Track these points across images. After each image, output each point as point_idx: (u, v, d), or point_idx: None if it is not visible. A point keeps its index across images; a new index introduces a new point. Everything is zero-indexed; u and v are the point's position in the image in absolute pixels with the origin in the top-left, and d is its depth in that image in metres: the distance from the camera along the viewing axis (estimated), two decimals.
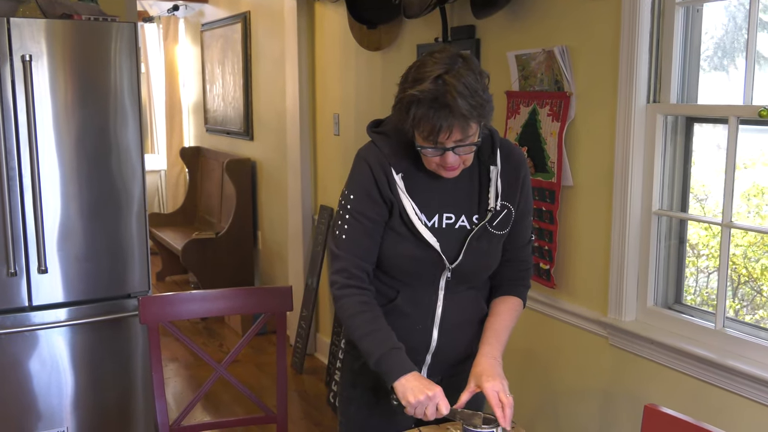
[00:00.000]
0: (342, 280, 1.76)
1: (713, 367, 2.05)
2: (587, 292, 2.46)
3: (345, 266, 1.75)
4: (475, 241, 1.76)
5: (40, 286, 2.93)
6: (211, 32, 5.83)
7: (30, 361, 2.96)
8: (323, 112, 4.23)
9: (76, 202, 2.96)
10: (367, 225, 1.75)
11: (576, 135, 2.44)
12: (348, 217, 1.76)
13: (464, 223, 1.77)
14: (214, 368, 2.36)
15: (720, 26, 2.23)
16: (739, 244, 2.45)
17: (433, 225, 1.76)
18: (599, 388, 2.46)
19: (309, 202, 4.39)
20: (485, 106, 1.61)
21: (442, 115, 1.56)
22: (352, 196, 1.77)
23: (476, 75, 1.60)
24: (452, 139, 1.61)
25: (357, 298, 1.75)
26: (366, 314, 1.74)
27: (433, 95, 1.56)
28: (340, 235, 1.77)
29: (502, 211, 1.78)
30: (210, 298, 2.34)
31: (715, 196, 2.38)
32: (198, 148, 6.27)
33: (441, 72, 1.57)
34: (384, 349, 1.69)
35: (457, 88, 1.56)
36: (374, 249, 1.77)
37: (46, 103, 2.84)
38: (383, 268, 1.81)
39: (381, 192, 1.74)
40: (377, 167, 1.74)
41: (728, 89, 2.25)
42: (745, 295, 2.39)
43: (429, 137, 1.61)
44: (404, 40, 3.35)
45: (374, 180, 1.74)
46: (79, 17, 2.99)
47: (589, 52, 2.37)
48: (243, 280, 5.34)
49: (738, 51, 2.26)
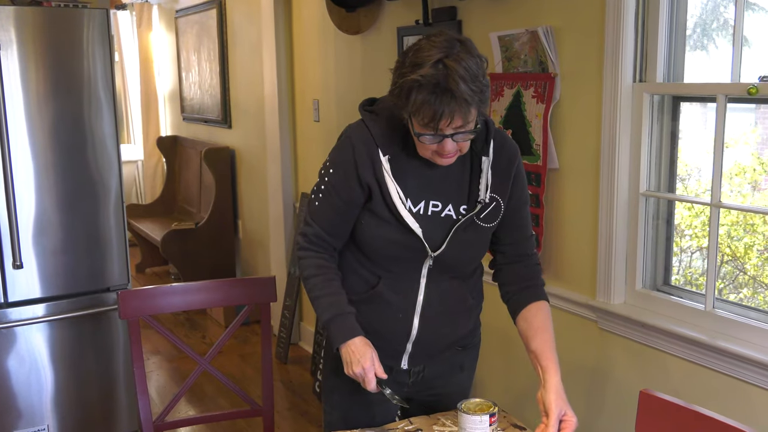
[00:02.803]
0: (303, 243, 1.80)
1: (704, 349, 2.04)
2: (575, 275, 2.44)
3: (309, 232, 1.78)
4: (461, 232, 1.73)
5: (16, 281, 2.86)
6: (185, 18, 5.73)
7: (8, 359, 2.89)
8: (302, 98, 4.16)
9: (51, 194, 2.89)
10: (338, 203, 1.74)
11: (561, 117, 2.41)
12: (324, 188, 1.76)
13: (450, 212, 1.73)
14: (198, 362, 2.31)
15: (699, 4, 2.20)
16: (722, 224, 2.44)
17: (418, 211, 1.72)
18: (589, 372, 2.44)
19: (290, 189, 4.34)
20: (485, 92, 1.57)
21: (444, 101, 1.51)
22: (331, 170, 1.75)
23: (476, 59, 1.55)
24: (452, 126, 1.56)
25: (313, 260, 1.78)
26: (319, 277, 1.76)
27: (435, 80, 1.51)
28: (314, 201, 1.79)
29: (491, 203, 1.74)
30: (192, 291, 2.28)
31: (699, 175, 2.37)
32: (175, 137, 6.17)
33: (441, 56, 1.52)
34: (331, 314, 1.72)
35: (458, 72, 1.51)
36: (342, 226, 1.77)
37: (17, 94, 2.76)
38: (365, 252, 1.78)
39: (359, 176, 1.70)
40: (361, 149, 1.70)
41: (710, 67, 2.23)
42: (727, 274, 2.38)
43: (429, 123, 1.55)
44: (384, 24, 3.29)
45: (354, 162, 1.71)
46: (49, 4, 2.91)
47: (574, 32, 2.33)
48: (224, 270, 5.27)
49: (718, 29, 2.23)
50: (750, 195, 2.32)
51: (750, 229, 2.39)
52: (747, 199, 2.30)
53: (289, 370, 4.17)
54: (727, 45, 2.19)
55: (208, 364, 2.31)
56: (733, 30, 1.98)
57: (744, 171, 2.38)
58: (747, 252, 2.39)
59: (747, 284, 2.37)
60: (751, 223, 2.36)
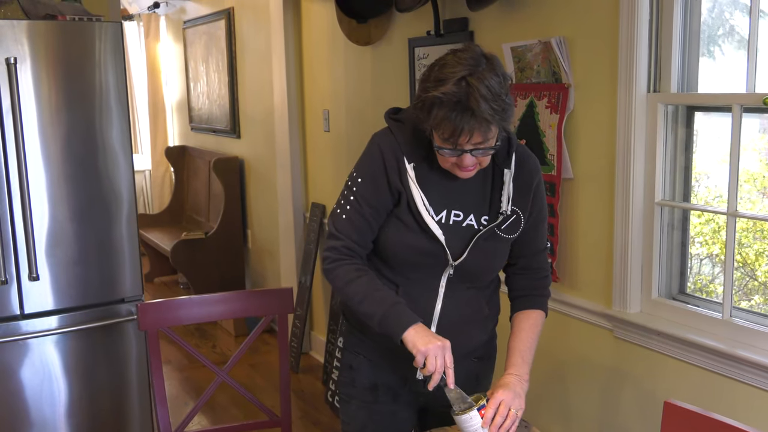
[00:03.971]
0: (333, 256, 1.76)
1: (721, 357, 2.04)
2: (590, 284, 2.44)
3: (338, 245, 1.76)
4: (482, 242, 1.75)
5: (32, 293, 2.87)
6: (193, 29, 5.76)
7: (22, 370, 2.90)
8: (312, 108, 4.18)
9: (65, 206, 2.90)
10: (368, 212, 1.74)
11: (575, 127, 2.42)
12: (352, 199, 1.75)
13: (472, 222, 1.76)
14: (216, 373, 2.32)
15: (704, 11, 2.22)
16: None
17: (440, 220, 1.74)
18: (605, 381, 2.44)
19: (300, 199, 4.35)
20: (507, 111, 1.59)
21: (464, 119, 1.54)
22: (359, 180, 1.76)
23: (500, 78, 1.57)
24: (472, 142, 1.59)
25: (349, 266, 1.74)
26: (362, 278, 1.73)
27: (457, 98, 1.54)
28: (340, 214, 1.77)
29: (512, 215, 1.77)
30: (210, 302, 2.30)
31: (708, 182, 2.37)
32: (183, 147, 6.19)
33: (465, 74, 1.55)
34: (385, 307, 1.67)
35: (480, 92, 1.53)
36: (370, 236, 1.77)
37: (32, 107, 2.77)
38: (384, 258, 1.79)
39: (389, 180, 1.73)
40: (389, 154, 1.73)
41: (717, 74, 2.24)
42: (736, 280, 2.39)
43: (449, 139, 1.59)
44: (395, 34, 3.30)
45: (384, 167, 1.73)
46: (64, 18, 2.93)
47: (587, 42, 2.34)
48: (234, 279, 5.29)
49: (724, 36, 2.24)
50: (759, 201, 2.33)
51: (760, 235, 2.39)
52: (756, 205, 2.31)
53: (301, 380, 4.17)
54: (732, 52, 2.20)
55: (226, 375, 2.32)
56: (747, 40, 1.99)
57: (754, 178, 2.39)
58: (758, 258, 2.40)
59: (758, 291, 2.37)
60: (760, 229, 2.37)
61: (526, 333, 1.82)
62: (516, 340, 1.81)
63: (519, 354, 1.78)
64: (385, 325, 1.67)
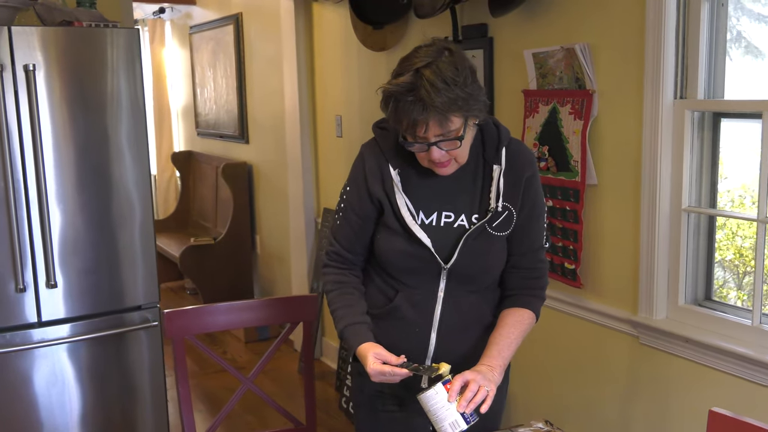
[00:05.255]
0: (326, 260, 1.87)
1: (751, 364, 2.04)
2: (615, 291, 2.44)
3: (331, 250, 1.85)
4: (471, 240, 1.72)
5: (49, 301, 2.86)
6: (200, 35, 5.75)
7: (39, 378, 2.88)
8: (324, 113, 4.18)
9: (83, 213, 2.89)
10: (354, 220, 1.78)
11: (599, 133, 2.42)
12: (342, 206, 1.82)
13: (463, 222, 1.74)
14: (240, 381, 2.31)
15: (731, 17, 2.22)
16: (747, 236, 2.45)
17: (430, 223, 1.73)
18: (630, 386, 2.44)
19: (311, 204, 4.34)
20: (468, 100, 1.57)
21: (417, 109, 1.55)
22: (348, 188, 1.81)
23: (458, 68, 1.57)
24: (432, 134, 1.59)
25: (333, 276, 1.84)
26: (336, 291, 1.82)
27: (408, 88, 1.55)
28: (335, 221, 1.85)
29: (503, 212, 1.73)
30: (235, 310, 2.29)
31: (737, 189, 2.37)
32: (189, 152, 6.18)
33: (420, 65, 1.55)
34: (341, 326, 1.77)
35: (432, 82, 1.53)
36: (359, 242, 1.82)
37: (50, 114, 2.76)
38: (382, 265, 1.80)
39: (369, 189, 1.75)
40: (372, 163, 1.75)
41: (746, 82, 2.24)
42: (745, 286, 2.39)
43: (407, 130, 1.61)
44: (411, 40, 3.30)
45: (365, 176, 1.76)
46: (80, 24, 2.91)
47: (612, 48, 2.34)
48: (242, 285, 5.27)
49: (732, 41, 2.24)
50: None
51: None
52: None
53: (314, 386, 4.15)
54: (739, 57, 2.20)
55: (251, 383, 2.31)
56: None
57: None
58: None
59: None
60: None
61: (508, 329, 1.73)
62: (495, 335, 1.73)
63: (496, 347, 1.71)
64: (344, 340, 1.79)
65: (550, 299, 2.65)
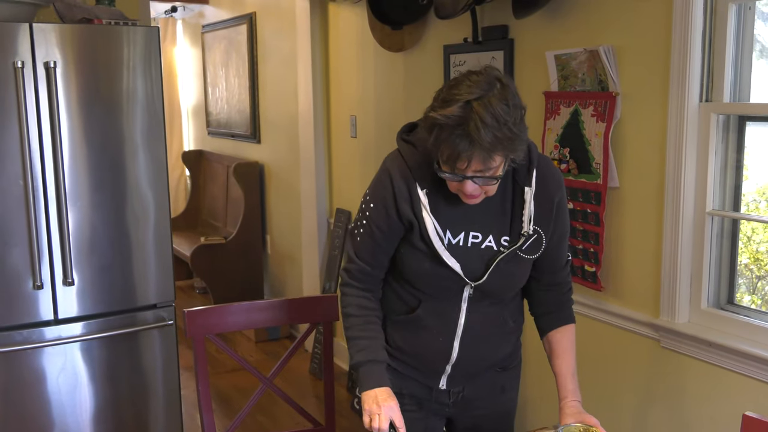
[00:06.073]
0: (347, 278, 1.81)
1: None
2: (636, 294, 2.43)
3: (353, 267, 1.80)
4: (504, 264, 1.71)
5: (65, 298, 2.85)
6: (213, 34, 5.75)
7: (55, 375, 2.88)
8: (338, 114, 4.17)
9: (101, 210, 2.88)
10: (379, 236, 1.74)
11: (622, 135, 2.41)
12: (365, 223, 1.76)
13: (491, 243, 1.71)
14: (261, 381, 2.31)
15: (757, 20, 2.21)
16: (762, 240, 2.45)
17: (457, 243, 1.70)
18: (652, 391, 2.43)
19: (324, 205, 4.34)
20: (514, 140, 1.52)
21: (462, 144, 1.49)
22: (372, 204, 1.74)
23: (509, 106, 1.51)
24: (471, 169, 1.54)
25: (356, 299, 1.80)
26: (360, 318, 1.78)
27: (457, 122, 1.49)
28: (355, 236, 1.79)
29: (533, 235, 1.71)
30: (256, 309, 2.29)
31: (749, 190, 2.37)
32: (200, 151, 6.18)
33: (471, 98, 1.49)
34: (364, 357, 1.75)
35: (483, 119, 1.47)
36: (384, 258, 1.78)
37: (68, 111, 2.76)
38: (404, 277, 1.78)
39: (399, 210, 1.70)
40: (400, 182, 1.69)
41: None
42: (759, 290, 2.38)
43: (447, 162, 1.55)
44: (429, 41, 3.30)
45: (394, 196, 1.70)
46: (100, 21, 2.91)
47: (637, 51, 2.34)
48: (253, 285, 5.27)
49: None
50: None
51: None
52: None
53: (333, 386, 4.14)
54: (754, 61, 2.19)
55: (271, 383, 2.31)
56: None
57: None
58: None
59: None
60: None
61: (570, 354, 1.82)
62: (564, 364, 1.81)
63: (571, 378, 1.80)
64: (356, 373, 1.78)
65: None
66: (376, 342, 1.77)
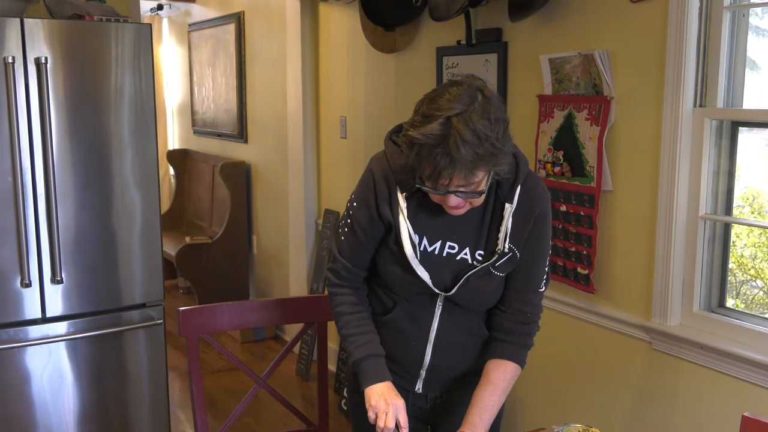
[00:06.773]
0: (334, 279, 1.81)
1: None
2: (628, 296, 2.45)
3: (339, 267, 1.79)
4: (474, 279, 1.68)
5: (53, 297, 2.82)
6: (199, 33, 5.71)
7: (42, 374, 2.85)
8: (327, 114, 4.16)
9: (90, 208, 2.86)
10: (362, 236, 1.74)
11: (616, 139, 2.43)
12: (349, 222, 1.76)
13: (467, 255, 1.69)
14: (255, 381, 2.29)
15: (751, 26, 2.24)
16: (746, 245, 2.48)
17: (433, 251, 1.69)
18: (643, 393, 2.45)
19: (312, 205, 4.32)
20: (497, 155, 1.49)
21: (443, 162, 1.46)
22: (355, 204, 1.75)
23: (491, 121, 1.47)
24: (454, 184, 1.50)
25: (346, 297, 1.79)
26: (354, 315, 1.78)
27: (437, 141, 1.45)
28: (340, 236, 1.79)
29: (508, 253, 1.67)
30: (251, 309, 2.27)
31: (755, 197, 2.40)
32: (185, 150, 6.14)
33: (451, 114, 1.45)
34: (362, 354, 1.74)
35: (463, 136, 1.43)
36: (367, 257, 1.78)
37: (58, 108, 2.73)
38: (381, 279, 1.78)
39: (380, 210, 1.69)
40: (381, 182, 1.69)
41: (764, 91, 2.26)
42: (741, 294, 2.41)
43: (429, 178, 1.52)
44: (422, 43, 3.30)
45: (375, 195, 1.70)
46: (91, 18, 2.89)
47: (631, 56, 2.36)
48: (239, 285, 5.24)
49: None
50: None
51: None
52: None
53: (312, 387, 4.14)
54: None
55: (265, 384, 2.30)
56: None
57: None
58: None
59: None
60: None
61: (493, 388, 1.69)
62: (481, 395, 1.69)
63: (478, 412, 1.67)
64: (357, 369, 1.75)
65: (562, 304, 2.67)
66: (374, 337, 1.77)
